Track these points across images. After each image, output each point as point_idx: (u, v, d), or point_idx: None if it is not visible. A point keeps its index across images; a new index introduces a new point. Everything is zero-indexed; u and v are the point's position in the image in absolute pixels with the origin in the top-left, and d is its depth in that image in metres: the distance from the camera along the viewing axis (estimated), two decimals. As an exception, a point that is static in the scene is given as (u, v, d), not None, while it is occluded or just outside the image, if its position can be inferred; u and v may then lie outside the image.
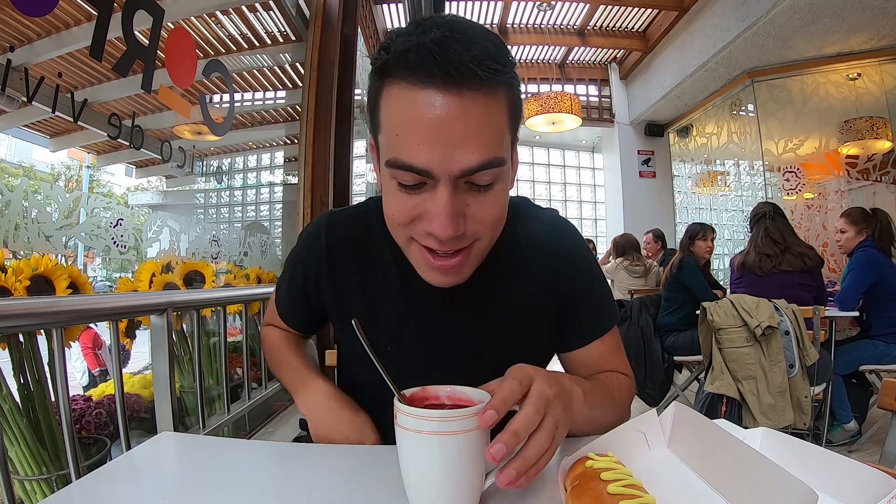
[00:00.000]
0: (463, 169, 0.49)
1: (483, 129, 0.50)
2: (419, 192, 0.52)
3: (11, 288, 0.94)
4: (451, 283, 0.59)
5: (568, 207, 7.17)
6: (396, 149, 0.51)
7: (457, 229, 0.52)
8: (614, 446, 0.46)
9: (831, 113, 4.33)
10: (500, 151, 0.52)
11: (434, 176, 0.50)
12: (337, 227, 0.71)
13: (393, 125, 0.51)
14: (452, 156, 0.49)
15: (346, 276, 0.69)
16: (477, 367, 0.57)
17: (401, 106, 0.50)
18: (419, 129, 0.49)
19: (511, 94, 0.53)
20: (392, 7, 4.72)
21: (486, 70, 0.48)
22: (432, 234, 0.53)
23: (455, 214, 0.51)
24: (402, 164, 0.50)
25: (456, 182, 0.51)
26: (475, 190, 0.52)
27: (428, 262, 0.57)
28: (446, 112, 0.48)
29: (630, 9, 5.14)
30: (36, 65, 1.17)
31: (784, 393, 1.97)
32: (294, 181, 2.39)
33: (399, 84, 0.50)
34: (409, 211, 0.53)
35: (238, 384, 1.58)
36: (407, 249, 0.59)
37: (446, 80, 0.47)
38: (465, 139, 0.49)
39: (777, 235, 2.45)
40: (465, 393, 0.47)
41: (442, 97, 0.48)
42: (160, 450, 0.62)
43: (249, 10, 2.15)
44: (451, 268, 0.56)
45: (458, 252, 0.55)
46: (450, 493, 0.42)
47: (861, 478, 0.39)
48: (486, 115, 0.50)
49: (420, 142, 0.49)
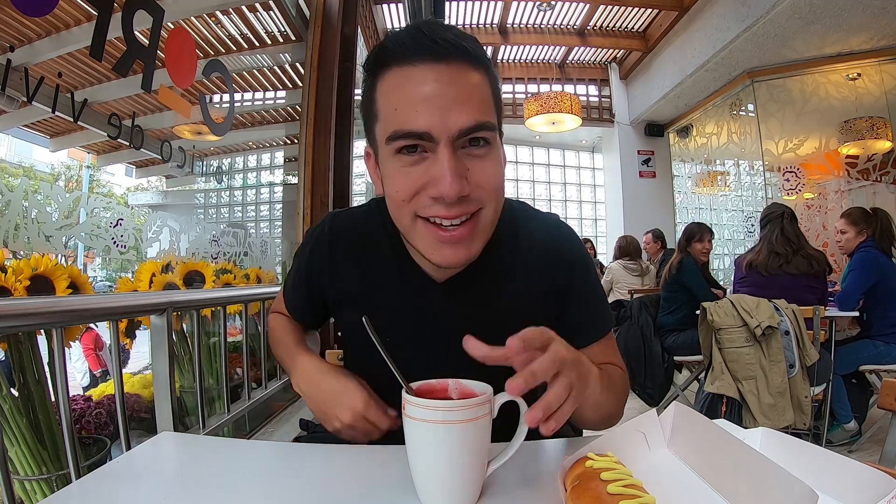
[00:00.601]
0: (460, 128, 0.54)
1: (471, 94, 0.55)
2: (421, 163, 0.55)
3: (11, 288, 0.94)
4: (462, 259, 0.59)
5: (568, 207, 7.17)
6: (396, 121, 0.55)
7: (461, 188, 0.54)
8: (614, 446, 0.46)
9: (831, 113, 4.33)
10: (491, 117, 0.57)
11: (434, 138, 0.54)
12: (340, 225, 0.74)
13: (391, 103, 0.56)
14: (448, 117, 0.53)
15: (348, 272, 0.71)
16: (475, 364, 0.57)
17: (397, 85, 0.56)
18: (415, 98, 0.54)
19: (491, 79, 0.59)
20: (392, 7, 4.72)
21: (468, 43, 0.56)
22: (439, 198, 0.54)
23: (458, 173, 0.54)
24: (402, 132, 0.54)
25: (454, 144, 0.54)
26: (473, 155, 0.56)
27: (437, 237, 0.57)
28: (438, 80, 0.54)
29: (630, 9, 5.14)
30: (36, 65, 1.17)
31: (784, 393, 1.97)
32: (294, 181, 2.39)
33: (393, 69, 0.56)
34: (414, 183, 0.56)
35: (238, 384, 1.58)
36: (412, 231, 0.59)
37: (435, 51, 0.54)
38: (458, 101, 0.54)
39: (792, 236, 2.45)
40: (468, 385, 0.49)
41: (432, 68, 0.54)
42: (160, 450, 0.62)
43: (249, 10, 2.15)
44: (460, 238, 0.57)
45: (465, 222, 0.57)
46: (454, 479, 0.45)
47: (861, 478, 0.39)
48: (473, 85, 0.56)
49: (417, 108, 0.54)
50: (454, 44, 0.54)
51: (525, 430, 0.49)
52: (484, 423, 0.45)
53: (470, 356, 0.66)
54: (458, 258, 0.59)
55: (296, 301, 0.82)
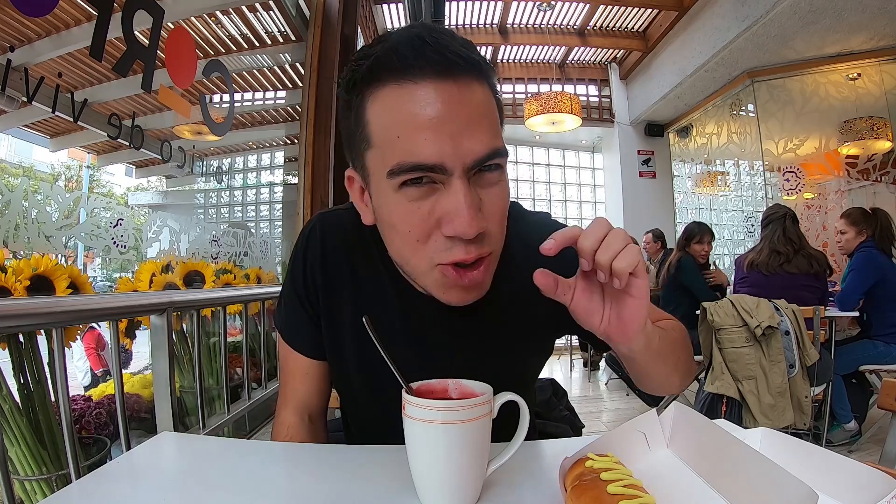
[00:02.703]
0: (475, 158, 0.48)
1: (483, 116, 0.49)
2: (431, 195, 0.49)
3: (11, 288, 0.94)
4: (473, 299, 0.56)
5: (568, 207, 7.17)
6: (399, 152, 0.48)
7: (480, 225, 0.49)
8: (614, 446, 0.46)
9: (831, 113, 4.32)
10: (502, 141, 0.52)
11: (447, 170, 0.47)
12: (329, 227, 0.69)
13: (390, 129, 0.48)
14: (462, 145, 0.47)
15: (340, 274, 0.68)
16: (471, 368, 0.57)
17: (396, 106, 0.48)
18: (422, 123, 0.47)
19: (495, 92, 0.53)
20: (392, 7, 4.72)
21: (476, 54, 0.49)
22: (456, 237, 0.49)
23: (475, 208, 0.49)
24: (409, 165, 0.47)
25: (468, 174, 0.49)
26: (485, 183, 0.51)
27: (455, 281, 0.53)
28: (447, 101, 0.47)
29: (630, 9, 5.14)
30: (36, 65, 1.18)
31: (784, 393, 1.97)
32: (294, 181, 2.39)
33: (390, 85, 0.48)
34: (426, 219, 0.50)
35: (238, 384, 1.58)
36: (426, 277, 0.55)
37: (441, 65, 0.47)
38: (470, 126, 0.48)
39: (794, 236, 2.46)
40: (468, 386, 0.49)
41: (439, 86, 0.47)
42: (160, 450, 0.62)
43: (249, 10, 2.15)
44: (476, 282, 0.54)
45: (481, 261, 0.53)
46: (454, 479, 0.45)
47: (861, 478, 0.39)
48: (483, 103, 0.50)
49: (425, 136, 0.47)
50: (462, 56, 0.47)
51: (525, 430, 0.49)
52: (484, 423, 0.45)
53: (465, 363, 0.65)
54: (470, 299, 0.56)
55: (293, 324, 0.71)
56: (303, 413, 0.71)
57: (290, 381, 0.72)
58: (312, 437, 0.69)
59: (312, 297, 0.68)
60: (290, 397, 0.71)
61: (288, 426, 0.69)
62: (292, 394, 0.71)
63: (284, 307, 0.72)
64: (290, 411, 0.71)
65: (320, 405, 0.73)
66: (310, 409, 0.72)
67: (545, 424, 0.87)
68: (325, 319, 0.68)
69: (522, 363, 0.72)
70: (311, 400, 0.72)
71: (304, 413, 0.71)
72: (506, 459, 0.48)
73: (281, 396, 0.72)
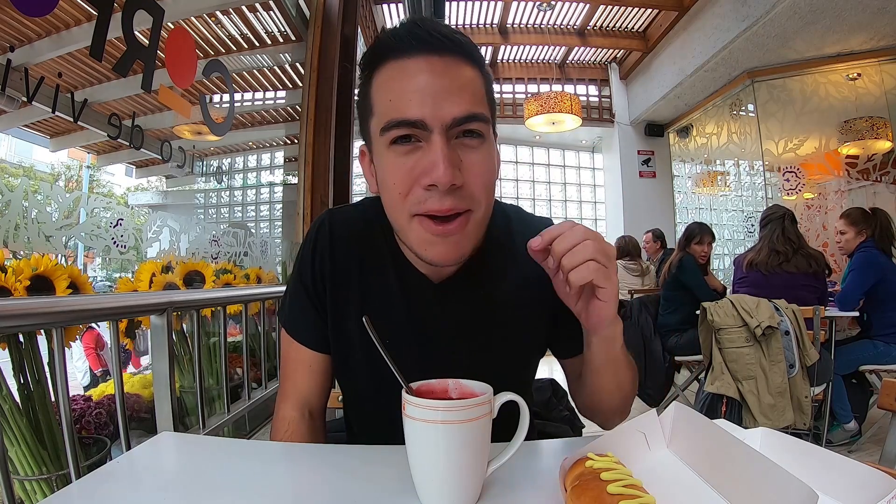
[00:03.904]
0: (453, 117, 0.55)
1: (465, 86, 0.57)
2: (415, 153, 0.56)
3: (11, 288, 0.94)
4: (453, 256, 0.59)
5: (568, 207, 7.17)
6: (390, 111, 0.56)
7: (454, 176, 0.54)
8: (614, 446, 0.46)
9: (831, 113, 4.33)
10: (484, 109, 0.58)
11: (427, 126, 0.54)
12: (339, 221, 0.71)
13: (386, 95, 0.57)
14: (441, 106, 0.54)
15: (348, 271, 0.69)
16: (472, 364, 0.57)
17: (392, 77, 0.57)
18: (409, 88, 0.55)
19: (485, 78, 0.60)
20: (392, 7, 4.72)
21: (463, 38, 0.57)
22: (432, 187, 0.54)
23: (451, 161, 0.54)
24: (396, 120, 0.55)
25: (448, 133, 0.55)
26: (465, 147, 0.57)
27: (429, 231, 0.57)
28: (432, 70, 0.55)
29: (630, 9, 5.14)
30: (36, 65, 1.18)
31: (784, 393, 1.97)
32: (294, 181, 2.39)
33: (389, 63, 0.57)
34: (409, 172, 0.56)
35: (238, 384, 1.58)
36: (407, 229, 0.59)
37: (430, 43, 0.55)
38: (451, 92, 0.55)
39: (793, 235, 2.47)
40: (468, 386, 0.49)
41: (427, 60, 0.55)
42: (160, 450, 0.62)
43: (249, 10, 2.15)
44: (451, 232, 0.57)
45: (457, 218, 0.57)
46: (454, 479, 0.45)
47: (861, 478, 0.39)
48: (466, 77, 0.57)
49: (411, 97, 0.55)
50: (449, 37, 0.56)
51: (525, 430, 0.49)
52: (484, 423, 0.45)
53: (466, 358, 0.66)
54: (449, 255, 0.59)
55: (298, 316, 0.72)
56: (303, 409, 0.71)
57: (291, 375, 0.72)
58: (312, 433, 0.70)
59: (319, 290, 0.70)
60: (290, 392, 0.72)
61: (288, 421, 0.69)
62: (293, 388, 0.72)
63: (290, 300, 0.73)
64: (290, 406, 0.71)
65: (321, 402, 0.74)
66: (310, 404, 0.72)
67: (545, 424, 0.88)
68: (331, 312, 0.69)
69: (524, 361, 0.73)
70: (311, 395, 0.72)
71: (304, 409, 0.71)
72: (506, 459, 0.48)
73: (281, 392, 0.73)
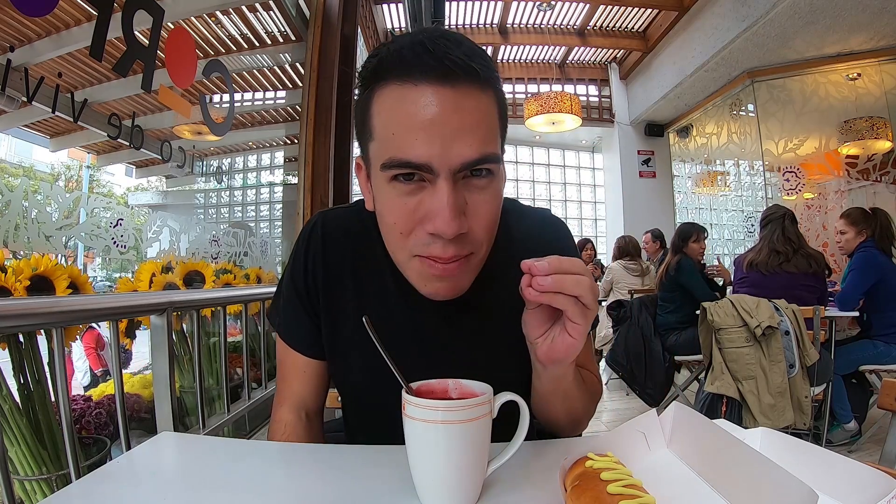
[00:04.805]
0: (462, 162, 0.50)
1: (478, 123, 0.51)
2: (418, 193, 0.52)
3: (11, 288, 0.94)
4: (450, 292, 0.58)
5: (568, 207, 7.17)
6: (393, 147, 0.51)
7: (460, 226, 0.51)
8: (614, 446, 0.46)
9: (831, 113, 4.33)
10: (496, 148, 0.53)
11: (434, 170, 0.50)
12: (332, 224, 0.70)
13: (387, 125, 0.51)
14: (451, 149, 0.49)
15: (342, 273, 0.68)
16: (471, 364, 0.57)
17: (395, 105, 0.50)
18: (416, 124, 0.49)
19: (499, 98, 0.54)
20: (392, 7, 4.72)
21: (478, 63, 0.50)
22: (435, 235, 0.52)
23: (457, 210, 0.51)
24: (399, 161, 0.50)
25: (455, 176, 0.51)
26: (473, 188, 0.53)
27: (429, 270, 0.55)
28: (442, 105, 0.49)
29: (630, 9, 5.14)
30: (36, 65, 1.17)
31: (784, 393, 1.97)
32: (294, 181, 2.39)
33: (392, 84, 0.51)
34: (411, 214, 0.52)
35: (238, 384, 1.58)
36: (406, 267, 0.58)
37: (440, 72, 0.49)
38: (462, 132, 0.49)
39: (793, 235, 2.47)
40: (468, 386, 0.49)
41: (436, 91, 0.49)
42: (160, 450, 0.62)
43: (249, 10, 2.15)
44: (450, 273, 0.55)
45: (458, 259, 0.55)
46: (454, 479, 0.45)
47: (861, 478, 0.39)
48: (480, 110, 0.51)
49: (417, 136, 0.49)
50: (461, 64, 0.49)
51: (525, 430, 0.49)
52: (484, 423, 0.45)
53: (466, 357, 0.66)
54: (448, 291, 0.58)
55: (292, 321, 0.71)
56: (300, 411, 0.71)
57: (287, 378, 0.72)
58: (309, 435, 0.69)
59: (312, 294, 0.68)
60: (287, 395, 0.71)
61: (285, 424, 0.69)
62: (289, 392, 0.71)
63: (283, 305, 0.71)
64: (286, 409, 0.70)
65: (317, 404, 0.73)
66: (307, 407, 0.71)
67: (545, 424, 0.88)
68: (325, 316, 0.68)
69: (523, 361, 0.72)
70: (308, 398, 0.72)
71: (300, 411, 0.71)
72: (506, 459, 0.48)
73: (278, 394, 0.72)
